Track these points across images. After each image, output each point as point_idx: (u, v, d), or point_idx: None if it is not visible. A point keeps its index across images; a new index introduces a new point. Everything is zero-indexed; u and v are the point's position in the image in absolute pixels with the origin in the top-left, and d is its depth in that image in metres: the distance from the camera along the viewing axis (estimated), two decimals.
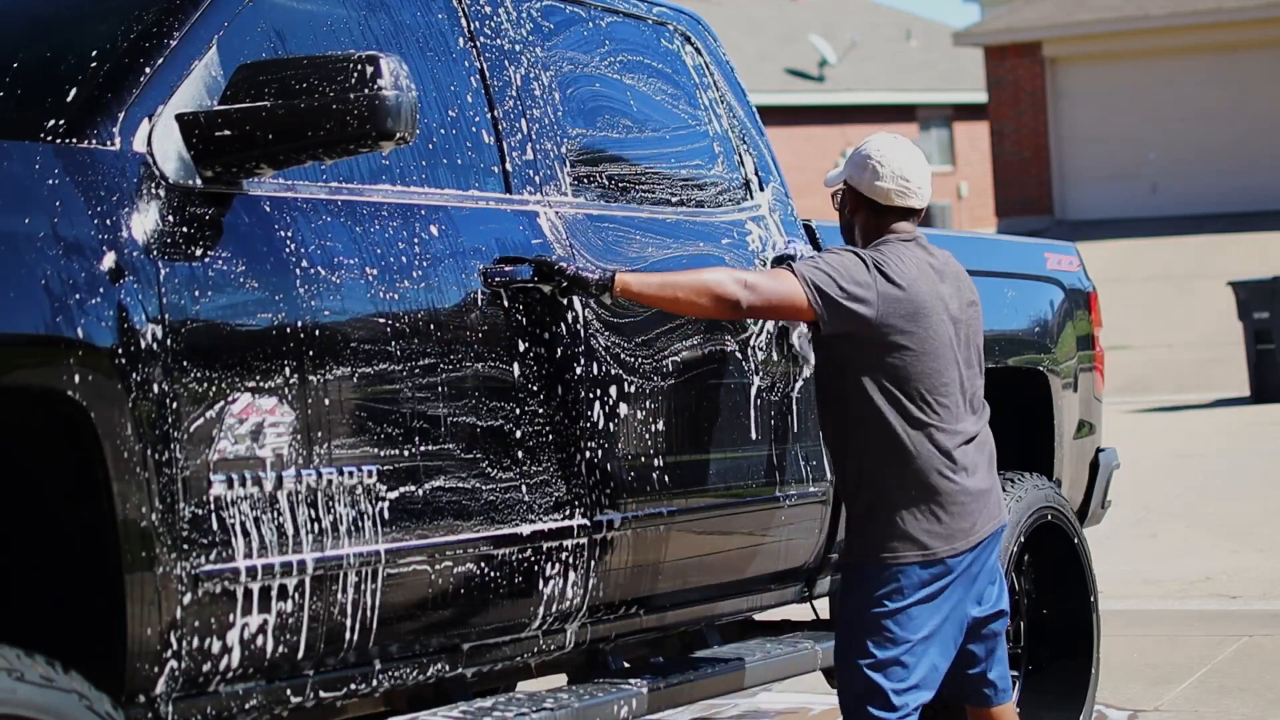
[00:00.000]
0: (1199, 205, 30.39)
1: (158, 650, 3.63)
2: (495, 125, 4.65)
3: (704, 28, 5.64)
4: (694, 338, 5.00)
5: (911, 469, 4.78)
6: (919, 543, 4.77)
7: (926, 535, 4.78)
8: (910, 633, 4.76)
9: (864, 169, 4.95)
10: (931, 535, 4.78)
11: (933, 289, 4.86)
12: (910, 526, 4.77)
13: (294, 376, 3.87)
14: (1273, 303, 17.19)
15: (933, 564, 4.78)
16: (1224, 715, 6.92)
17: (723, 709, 7.35)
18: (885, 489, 4.80)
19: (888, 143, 5.00)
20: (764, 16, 43.30)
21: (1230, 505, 11.65)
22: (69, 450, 3.54)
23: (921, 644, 4.77)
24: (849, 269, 4.77)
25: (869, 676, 4.74)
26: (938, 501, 4.79)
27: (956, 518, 4.80)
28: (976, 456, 4.89)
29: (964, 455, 4.85)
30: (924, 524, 4.78)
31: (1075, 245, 7.27)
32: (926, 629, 4.78)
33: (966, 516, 4.82)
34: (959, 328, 4.91)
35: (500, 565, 4.38)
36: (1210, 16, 30.67)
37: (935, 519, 4.79)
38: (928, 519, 4.79)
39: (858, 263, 4.80)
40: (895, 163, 4.94)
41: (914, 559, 4.77)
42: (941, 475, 4.79)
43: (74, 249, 3.50)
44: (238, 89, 3.84)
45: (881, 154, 4.95)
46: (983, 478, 4.90)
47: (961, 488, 4.82)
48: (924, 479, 4.78)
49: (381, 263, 4.13)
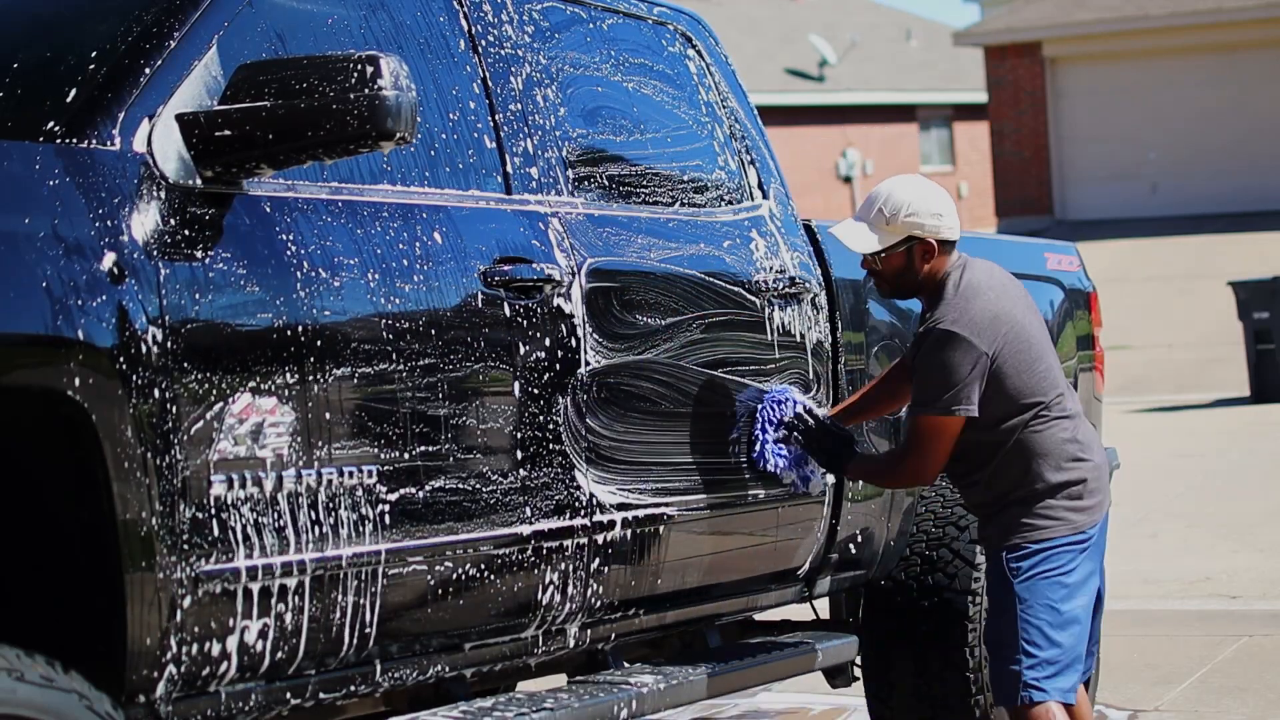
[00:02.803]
0: (1199, 205, 30.38)
1: (158, 650, 3.63)
2: (496, 126, 4.65)
3: (704, 28, 5.63)
4: (695, 341, 5.00)
5: (1053, 464, 4.98)
6: (1071, 522, 4.99)
7: (1074, 514, 5.00)
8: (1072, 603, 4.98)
9: (926, 214, 4.98)
10: (1078, 512, 5.01)
11: (1010, 299, 5.01)
12: (1059, 511, 4.98)
13: (294, 377, 3.87)
14: (1273, 303, 17.18)
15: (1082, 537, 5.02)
16: (1224, 715, 6.92)
17: (723, 709, 7.35)
18: (1032, 489, 4.99)
19: (905, 178, 5.08)
20: (764, 16, 43.29)
21: (1230, 505, 11.65)
22: (69, 450, 3.54)
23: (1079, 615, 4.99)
24: (951, 365, 4.87)
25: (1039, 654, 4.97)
26: (1080, 483, 5.00)
27: (1094, 493, 5.04)
28: (1093, 436, 5.14)
29: (1085, 433, 5.08)
30: (1071, 505, 5.00)
31: (1075, 245, 7.27)
32: (1082, 599, 5.01)
33: (1101, 491, 5.07)
34: (1036, 324, 5.07)
35: (500, 565, 4.38)
36: (1210, 16, 30.66)
37: (1079, 499, 5.00)
38: (1073, 500, 5.00)
39: (950, 350, 4.87)
40: (937, 196, 5.05)
41: (1066, 534, 4.99)
42: (1076, 460, 5.00)
43: (74, 249, 3.50)
44: (238, 89, 3.84)
45: (926, 195, 5.01)
46: (1100, 453, 5.14)
47: (1093, 464, 5.05)
48: (1066, 471, 4.99)
49: (381, 263, 4.13)
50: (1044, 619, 4.94)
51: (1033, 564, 4.96)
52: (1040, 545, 4.97)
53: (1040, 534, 4.97)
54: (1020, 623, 4.94)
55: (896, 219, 4.97)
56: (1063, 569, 4.97)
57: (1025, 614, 4.94)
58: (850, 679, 5.88)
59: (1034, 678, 4.92)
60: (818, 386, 5.43)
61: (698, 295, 5.05)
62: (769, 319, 5.28)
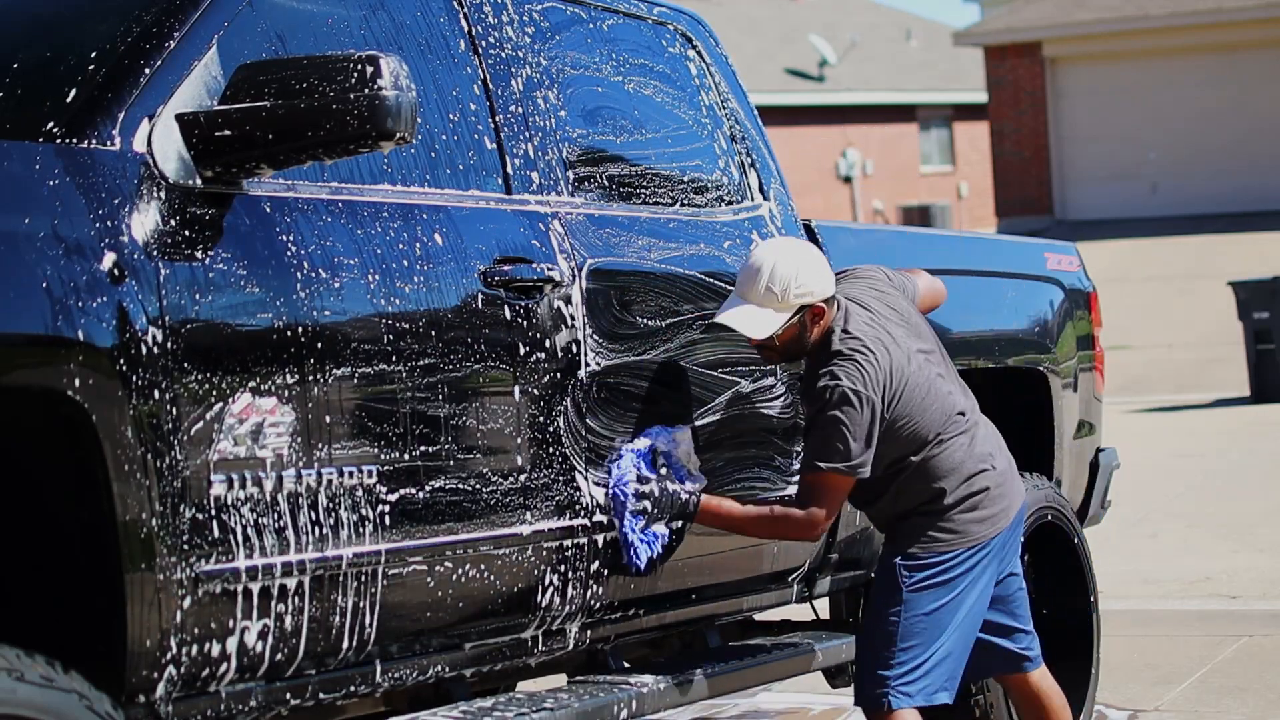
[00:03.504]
0: (1199, 205, 30.38)
1: (158, 650, 3.63)
2: (496, 126, 4.65)
3: (704, 28, 5.63)
4: (696, 341, 5.00)
5: (955, 481, 4.99)
6: (971, 535, 5.00)
7: (976, 525, 5.01)
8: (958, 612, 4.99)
9: (812, 280, 4.88)
10: (979, 523, 5.01)
11: (892, 338, 4.95)
12: (960, 524, 5.00)
13: (294, 377, 3.87)
14: (1273, 303, 17.18)
15: (981, 549, 5.02)
16: (1224, 715, 6.92)
17: (723, 709, 7.34)
18: (934, 505, 5.01)
19: (780, 248, 4.94)
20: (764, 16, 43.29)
21: (1230, 505, 11.65)
22: (69, 450, 3.54)
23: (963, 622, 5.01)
24: (853, 425, 4.81)
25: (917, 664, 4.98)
26: (981, 493, 5.02)
27: (996, 500, 5.05)
28: (993, 443, 5.13)
29: (983, 440, 5.08)
30: (973, 516, 5.00)
31: (1075, 245, 7.27)
32: (973, 605, 5.03)
33: (1005, 495, 5.08)
34: (919, 344, 5.02)
35: (500, 566, 4.38)
36: (1210, 16, 30.66)
37: (980, 509, 5.01)
38: (974, 511, 5.01)
39: (851, 410, 4.81)
40: (806, 255, 4.94)
41: (964, 547, 5.00)
42: (977, 472, 5.01)
43: (74, 249, 3.50)
44: (238, 89, 3.84)
45: (804, 261, 4.90)
46: (1004, 456, 5.14)
47: (996, 471, 5.06)
48: (968, 484, 5.00)
49: (381, 263, 4.13)
50: (924, 626, 4.95)
51: (926, 575, 4.97)
52: (937, 558, 4.98)
53: (939, 546, 4.98)
54: (900, 628, 4.94)
55: (787, 295, 4.85)
56: (955, 580, 4.98)
57: (907, 620, 4.95)
58: (850, 679, 5.88)
59: (901, 683, 4.92)
60: None
61: (698, 296, 5.05)
62: None
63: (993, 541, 5.03)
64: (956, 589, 4.98)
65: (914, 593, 4.96)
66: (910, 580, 4.97)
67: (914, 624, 4.94)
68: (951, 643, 4.98)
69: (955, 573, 4.98)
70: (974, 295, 6.28)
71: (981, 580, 5.03)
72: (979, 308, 6.29)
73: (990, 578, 5.07)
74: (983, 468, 5.02)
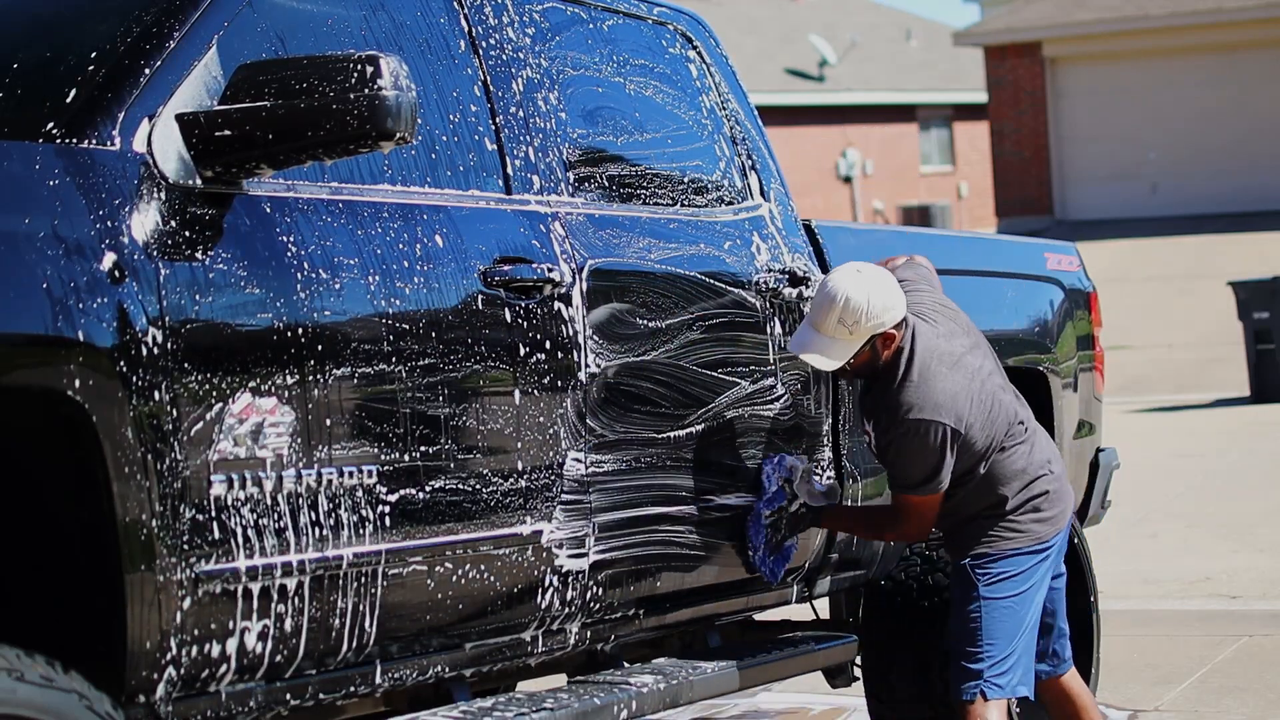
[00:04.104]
0: (1199, 205, 30.37)
1: (158, 651, 3.63)
2: (496, 126, 4.65)
3: (704, 28, 5.63)
4: (696, 341, 4.99)
5: (1017, 486, 5.20)
6: (1035, 533, 5.21)
7: (1038, 525, 5.22)
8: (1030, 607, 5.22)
9: (882, 311, 5.05)
10: (1041, 523, 5.23)
11: (962, 363, 5.13)
12: (1024, 524, 5.22)
13: (294, 377, 3.87)
14: (1273, 303, 17.18)
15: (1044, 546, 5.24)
16: (1224, 715, 6.92)
17: (723, 709, 7.34)
18: (997, 509, 5.22)
19: (851, 280, 5.07)
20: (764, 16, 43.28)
21: (1230, 505, 11.65)
22: (69, 450, 3.54)
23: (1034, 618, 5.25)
24: (931, 449, 5.05)
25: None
26: (1042, 495, 5.24)
27: (1055, 503, 5.27)
28: (1049, 448, 5.36)
29: (1041, 446, 5.30)
30: (1035, 517, 5.23)
31: (1075, 245, 7.27)
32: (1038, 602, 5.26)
33: (1062, 499, 5.30)
34: (981, 359, 5.22)
35: (500, 566, 4.38)
36: (1210, 16, 30.64)
37: (1041, 510, 5.24)
38: (1036, 513, 5.22)
39: (929, 435, 5.04)
40: (883, 284, 5.09)
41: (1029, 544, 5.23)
42: (1037, 477, 5.23)
43: (74, 249, 3.50)
44: (238, 89, 3.84)
45: (875, 290, 5.05)
46: (1059, 461, 5.37)
47: (1053, 475, 5.28)
48: (1029, 489, 5.21)
49: (381, 263, 4.13)
50: (1005, 621, 5.16)
51: (999, 569, 5.19)
52: (1005, 553, 5.19)
53: (1006, 545, 5.21)
54: (984, 624, 5.15)
55: (859, 327, 5.04)
56: (1024, 574, 5.20)
57: (989, 615, 5.16)
58: (850, 679, 5.89)
59: (993, 675, 5.14)
60: (816, 385, 5.43)
61: (698, 296, 5.05)
62: (769, 320, 5.27)
63: (1054, 539, 5.26)
64: (1027, 583, 5.19)
65: (990, 587, 5.16)
66: (984, 577, 5.17)
67: (994, 619, 5.15)
68: (1029, 636, 5.20)
69: (1023, 568, 5.19)
70: (974, 295, 6.27)
71: (1045, 578, 5.26)
72: (979, 308, 6.26)
73: (1048, 576, 5.28)
74: (1043, 473, 5.24)
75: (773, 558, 5.22)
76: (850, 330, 5.03)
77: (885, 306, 5.06)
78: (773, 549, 5.21)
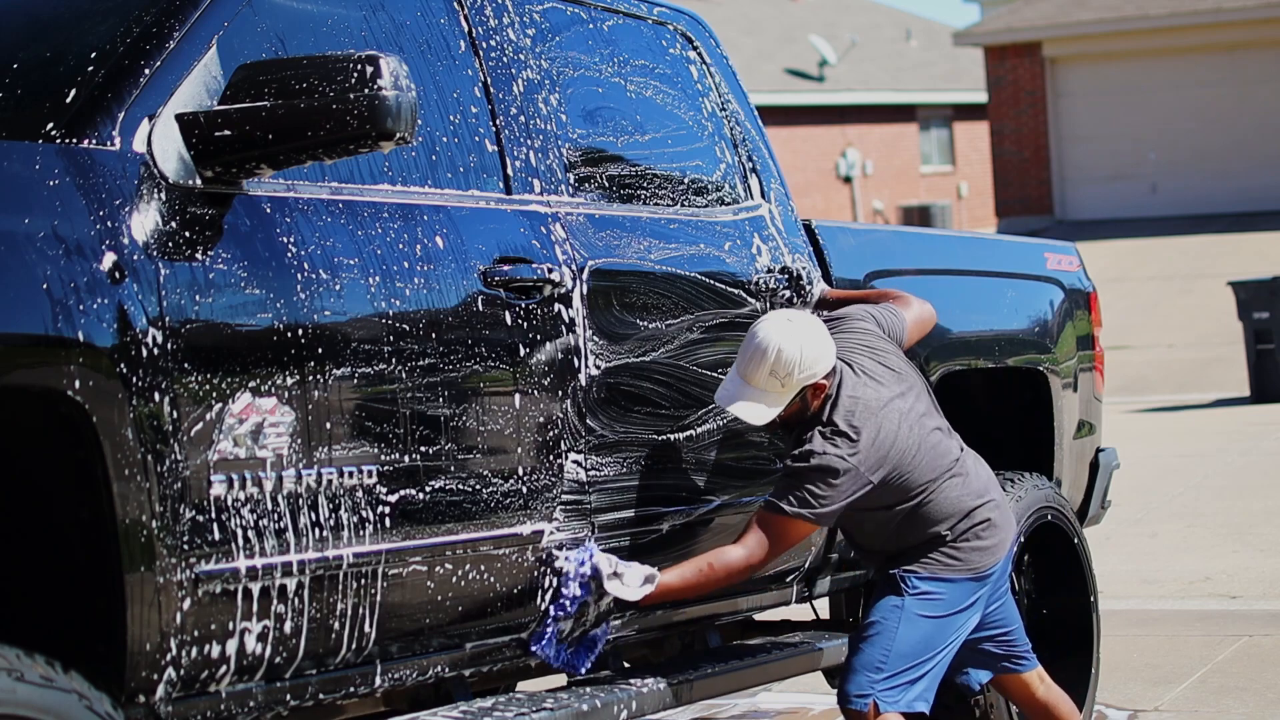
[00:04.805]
0: (1199, 205, 30.37)
1: (158, 651, 3.63)
2: (496, 126, 4.65)
3: (704, 28, 5.63)
4: (696, 341, 5.00)
5: (954, 519, 5.06)
6: (972, 563, 5.08)
7: (976, 555, 5.09)
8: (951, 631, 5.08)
9: (813, 362, 4.88)
10: (980, 553, 5.09)
11: (885, 411, 4.95)
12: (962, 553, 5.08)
13: (294, 377, 3.87)
14: (1273, 303, 17.18)
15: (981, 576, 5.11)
16: (1224, 715, 6.92)
17: (723, 709, 7.34)
18: (936, 541, 5.07)
19: (782, 331, 4.88)
20: (764, 16, 43.28)
21: (1230, 505, 11.65)
22: (69, 450, 3.54)
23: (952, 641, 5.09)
24: (836, 485, 4.84)
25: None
26: (982, 524, 5.09)
27: (994, 531, 5.12)
28: (985, 477, 5.18)
29: (975, 477, 5.13)
30: (974, 545, 5.08)
31: (1075, 245, 7.27)
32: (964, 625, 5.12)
33: (1003, 526, 5.16)
34: (913, 400, 5.04)
35: (500, 565, 4.38)
36: (1210, 16, 30.64)
37: (980, 539, 5.09)
38: (975, 541, 5.09)
39: (832, 475, 4.84)
40: (808, 334, 4.91)
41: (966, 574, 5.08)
42: (974, 508, 5.08)
43: (74, 249, 3.50)
44: (237, 89, 3.84)
45: (806, 341, 4.88)
46: (997, 489, 5.22)
47: (992, 502, 5.13)
48: (968, 519, 5.07)
49: (381, 263, 4.13)
50: (917, 639, 5.00)
51: (928, 587, 5.04)
52: (939, 576, 5.06)
53: (943, 570, 5.06)
54: (899, 635, 4.99)
55: (791, 379, 4.86)
56: (953, 600, 5.06)
57: (905, 627, 5.00)
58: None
59: (886, 688, 4.95)
60: None
61: (698, 296, 5.05)
62: None
63: (993, 569, 5.12)
64: (953, 608, 5.06)
65: (915, 599, 5.02)
66: (912, 589, 5.03)
67: (908, 632, 4.99)
68: (941, 659, 5.06)
69: (953, 594, 5.06)
70: (974, 295, 6.28)
71: (976, 608, 5.13)
72: (979, 308, 6.29)
73: (983, 605, 5.16)
74: (982, 502, 5.10)
75: (571, 650, 4.69)
76: (782, 383, 4.85)
77: (817, 357, 4.89)
78: (572, 642, 4.70)
